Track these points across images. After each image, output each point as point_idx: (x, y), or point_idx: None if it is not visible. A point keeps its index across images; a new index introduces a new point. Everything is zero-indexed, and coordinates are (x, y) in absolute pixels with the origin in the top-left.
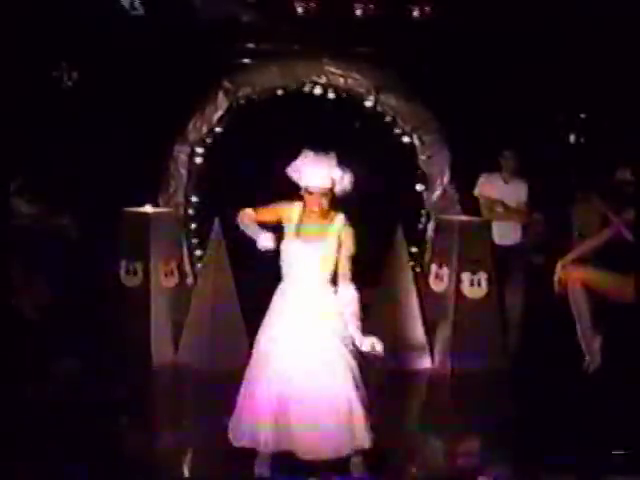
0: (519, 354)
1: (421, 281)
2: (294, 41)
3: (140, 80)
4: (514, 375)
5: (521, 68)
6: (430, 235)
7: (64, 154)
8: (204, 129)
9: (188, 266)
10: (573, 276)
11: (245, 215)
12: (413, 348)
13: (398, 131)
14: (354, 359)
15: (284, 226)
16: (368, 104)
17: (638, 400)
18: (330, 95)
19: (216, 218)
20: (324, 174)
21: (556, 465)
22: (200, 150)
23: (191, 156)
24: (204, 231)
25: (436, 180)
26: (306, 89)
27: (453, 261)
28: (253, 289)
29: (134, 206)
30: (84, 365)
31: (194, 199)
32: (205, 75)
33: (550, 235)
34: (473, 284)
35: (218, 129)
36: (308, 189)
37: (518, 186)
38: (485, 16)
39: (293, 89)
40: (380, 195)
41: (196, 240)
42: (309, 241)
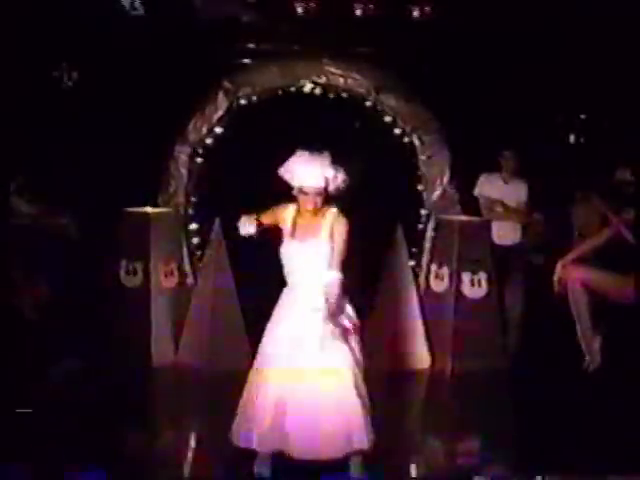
0: (519, 354)
1: (421, 281)
2: (294, 41)
3: (140, 80)
4: (514, 375)
5: (521, 68)
6: (430, 235)
7: (64, 154)
8: (204, 129)
9: (188, 266)
10: (573, 276)
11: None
12: (413, 348)
13: (398, 131)
14: (356, 359)
15: (282, 228)
16: (368, 104)
17: (638, 400)
18: (330, 95)
19: (216, 218)
20: (317, 174)
21: (556, 465)
22: (200, 150)
23: (191, 156)
24: (204, 231)
25: (436, 180)
26: (306, 89)
27: (453, 261)
28: (253, 289)
29: (134, 206)
30: (84, 365)
31: (194, 199)
32: (205, 75)
33: (550, 235)
34: (473, 284)
35: (218, 129)
36: (302, 189)
37: (518, 186)
38: (485, 16)
39: (293, 89)
40: (380, 195)
41: (196, 240)
42: (305, 240)
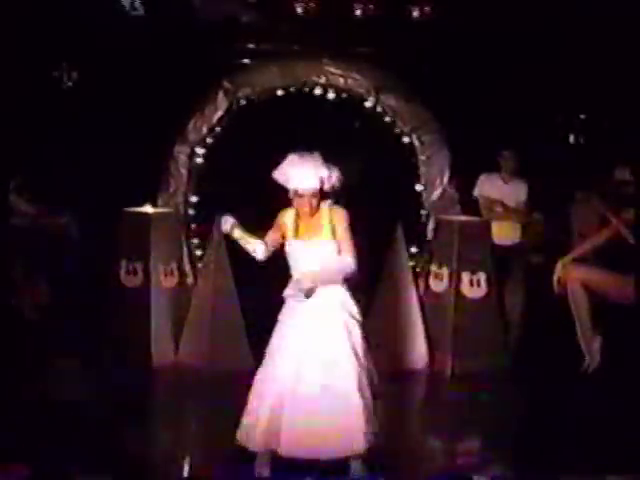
0: (519, 354)
1: (421, 281)
2: (294, 41)
3: (140, 80)
4: (514, 375)
5: (521, 68)
6: (430, 235)
7: (64, 154)
8: (204, 129)
9: (188, 266)
10: (573, 276)
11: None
12: (413, 348)
13: (398, 131)
14: (360, 360)
15: (286, 232)
16: (368, 104)
17: (638, 400)
18: (330, 95)
19: (217, 217)
20: (311, 175)
21: (556, 465)
22: (200, 150)
23: (191, 156)
24: (204, 231)
25: (436, 180)
26: (306, 89)
27: (453, 261)
28: (253, 289)
29: (134, 206)
30: (84, 365)
31: (194, 199)
32: (205, 75)
33: (550, 235)
34: (473, 284)
35: (218, 129)
36: (297, 192)
37: (518, 186)
38: (485, 16)
39: (293, 89)
40: (380, 195)
41: (196, 240)
42: (309, 239)
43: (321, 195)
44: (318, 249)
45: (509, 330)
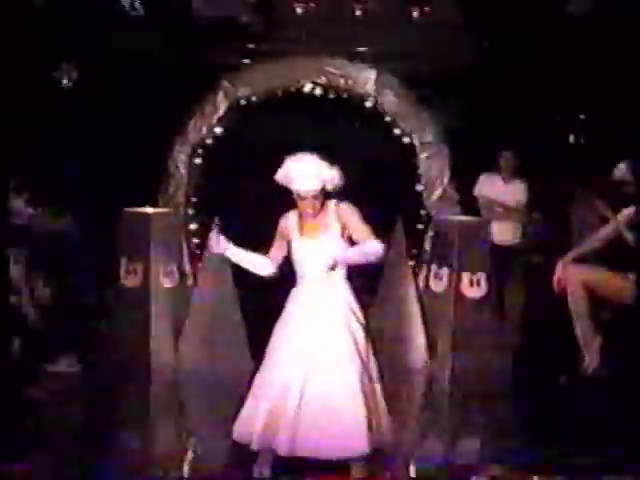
0: (519, 354)
1: (421, 281)
2: (294, 41)
3: (140, 80)
4: (514, 375)
5: (521, 69)
6: (430, 235)
7: (64, 154)
8: (204, 129)
9: (188, 266)
10: (573, 276)
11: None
12: (413, 348)
13: (398, 131)
14: (363, 361)
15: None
16: (368, 104)
17: (638, 400)
18: (330, 95)
19: (216, 218)
20: (313, 177)
21: (556, 465)
22: (200, 150)
23: (191, 156)
24: (204, 231)
25: (436, 180)
26: (306, 89)
27: (453, 261)
28: (253, 290)
29: (134, 206)
30: (84, 366)
31: (194, 199)
32: (205, 75)
33: (550, 235)
34: (473, 284)
35: (218, 129)
36: (300, 194)
37: (517, 186)
38: (485, 16)
39: (293, 89)
40: (380, 195)
41: (196, 240)
42: (315, 237)
43: (324, 195)
44: (324, 247)
45: (509, 330)
